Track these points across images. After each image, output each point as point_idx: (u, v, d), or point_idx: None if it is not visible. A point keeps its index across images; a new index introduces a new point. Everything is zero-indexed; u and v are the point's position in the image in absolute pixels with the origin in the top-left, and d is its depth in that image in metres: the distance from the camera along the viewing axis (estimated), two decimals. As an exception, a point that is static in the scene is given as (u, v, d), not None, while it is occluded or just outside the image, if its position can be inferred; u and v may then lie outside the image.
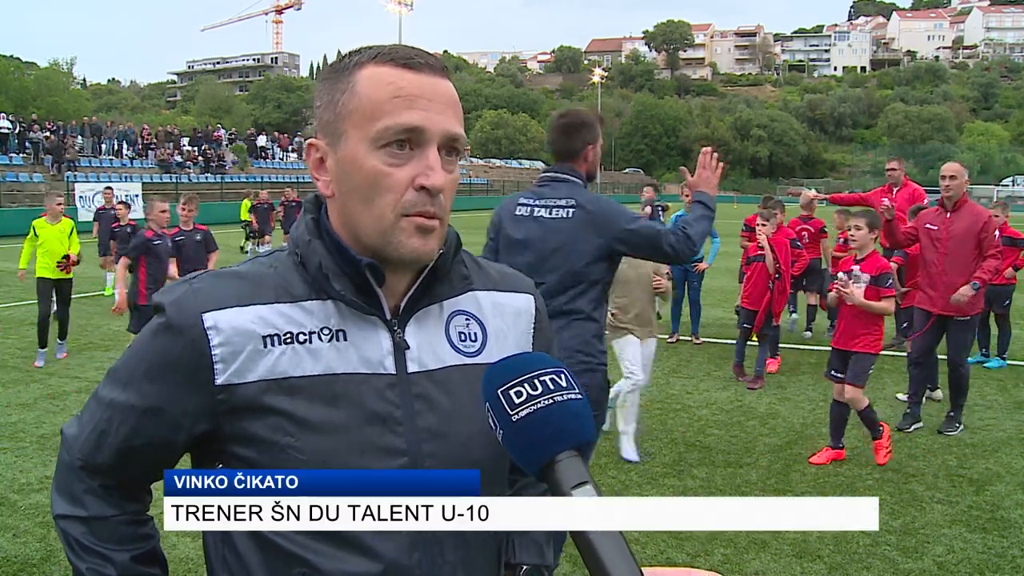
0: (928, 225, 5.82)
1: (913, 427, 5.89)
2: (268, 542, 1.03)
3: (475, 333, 1.15)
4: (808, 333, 9.42)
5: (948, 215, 5.75)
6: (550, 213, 3.12)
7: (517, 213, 3.20)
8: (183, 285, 1.07)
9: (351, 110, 1.03)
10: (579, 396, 0.83)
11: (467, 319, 1.15)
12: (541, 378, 0.82)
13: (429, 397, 1.08)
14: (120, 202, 12.14)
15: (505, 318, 1.19)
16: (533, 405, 0.80)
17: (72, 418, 1.16)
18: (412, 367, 1.08)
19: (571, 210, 3.08)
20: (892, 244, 6.31)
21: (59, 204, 8.32)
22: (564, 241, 3.06)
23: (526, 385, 0.81)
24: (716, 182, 3.26)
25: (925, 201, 7.53)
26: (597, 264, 3.08)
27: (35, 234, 8.11)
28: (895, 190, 7.61)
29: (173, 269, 6.93)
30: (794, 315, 9.73)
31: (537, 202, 3.16)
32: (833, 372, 5.20)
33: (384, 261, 1.06)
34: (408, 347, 1.08)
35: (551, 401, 0.80)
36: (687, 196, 8.81)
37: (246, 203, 17.69)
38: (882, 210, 5.75)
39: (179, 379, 1.04)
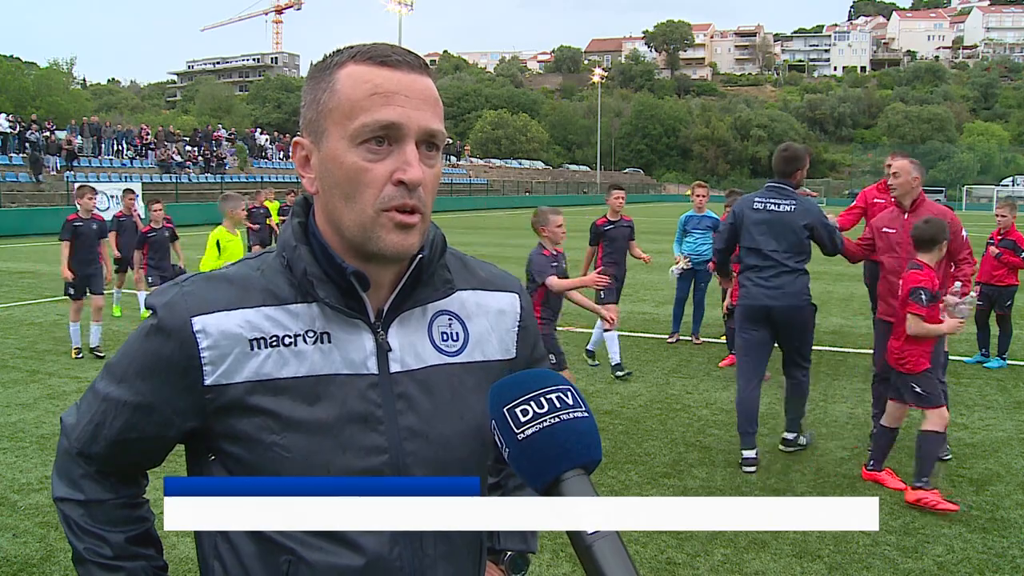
0: (885, 229, 5.17)
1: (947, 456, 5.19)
2: (258, 532, 1.07)
3: (457, 333, 1.17)
4: None
5: (906, 216, 5.07)
6: (779, 207, 5.01)
7: (755, 207, 5.07)
8: (174, 288, 1.10)
9: (331, 108, 1.05)
10: (585, 414, 0.82)
11: (449, 319, 1.18)
12: (548, 396, 0.82)
13: (410, 396, 1.11)
14: (155, 202, 10.07)
15: (489, 317, 1.21)
16: (539, 423, 0.80)
17: (71, 406, 1.21)
18: (394, 367, 1.11)
19: (792, 205, 5.01)
20: (850, 259, 5.54)
21: (243, 209, 6.91)
22: (792, 223, 4.95)
23: (532, 403, 0.81)
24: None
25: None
26: (808, 239, 4.99)
27: (219, 248, 6.73)
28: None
29: None
30: None
31: (769, 201, 5.05)
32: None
33: (367, 256, 1.08)
34: (390, 348, 1.11)
35: (557, 419, 0.80)
36: (700, 197, 8.66)
37: (274, 205, 15.59)
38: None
39: (169, 379, 1.08)
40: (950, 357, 7.46)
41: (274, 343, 1.06)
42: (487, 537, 1.28)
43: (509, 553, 1.37)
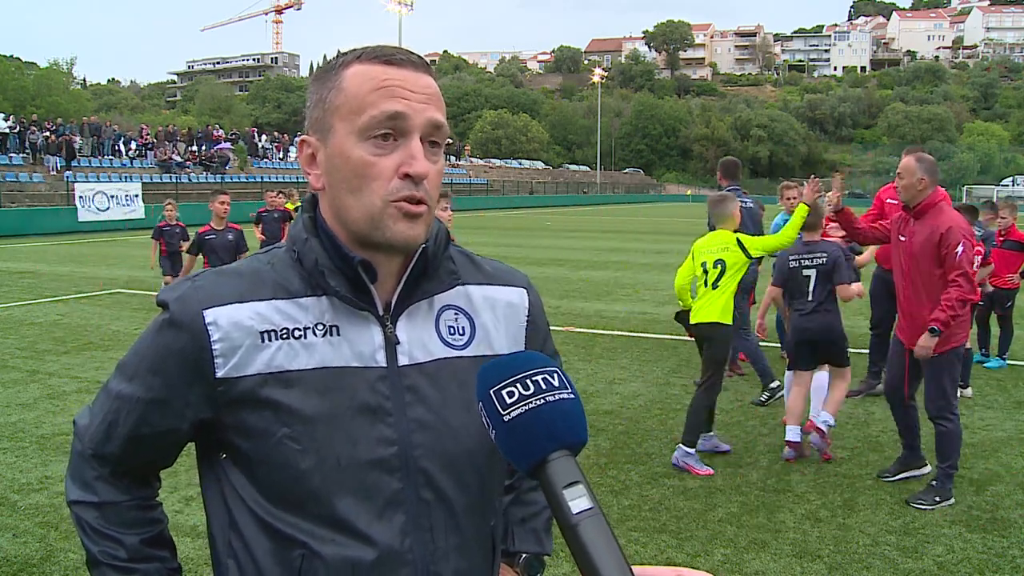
0: (900, 236, 4.64)
1: (899, 476, 4.83)
2: (271, 527, 1.09)
3: (463, 327, 1.19)
4: None
5: (913, 223, 4.54)
6: (746, 204, 6.50)
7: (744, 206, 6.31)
8: (186, 283, 1.12)
9: (338, 105, 1.08)
10: (571, 396, 0.83)
11: (456, 313, 1.19)
12: (533, 378, 0.82)
13: (418, 389, 1.12)
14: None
15: (497, 311, 1.23)
16: (525, 405, 0.80)
17: (84, 408, 1.22)
18: (402, 360, 1.12)
19: (751, 201, 6.84)
20: (852, 237, 5.35)
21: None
22: (754, 215, 6.82)
23: (518, 385, 0.82)
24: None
25: None
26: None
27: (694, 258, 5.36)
28: None
29: None
30: None
31: (745, 200, 6.63)
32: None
33: (374, 248, 1.10)
34: (399, 341, 1.13)
35: (542, 401, 0.81)
36: (792, 199, 7.78)
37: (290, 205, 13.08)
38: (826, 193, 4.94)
39: (182, 372, 1.09)
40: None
41: (284, 335, 1.08)
42: (501, 538, 1.29)
43: (524, 555, 1.37)
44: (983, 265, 7.28)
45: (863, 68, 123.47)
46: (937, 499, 4.48)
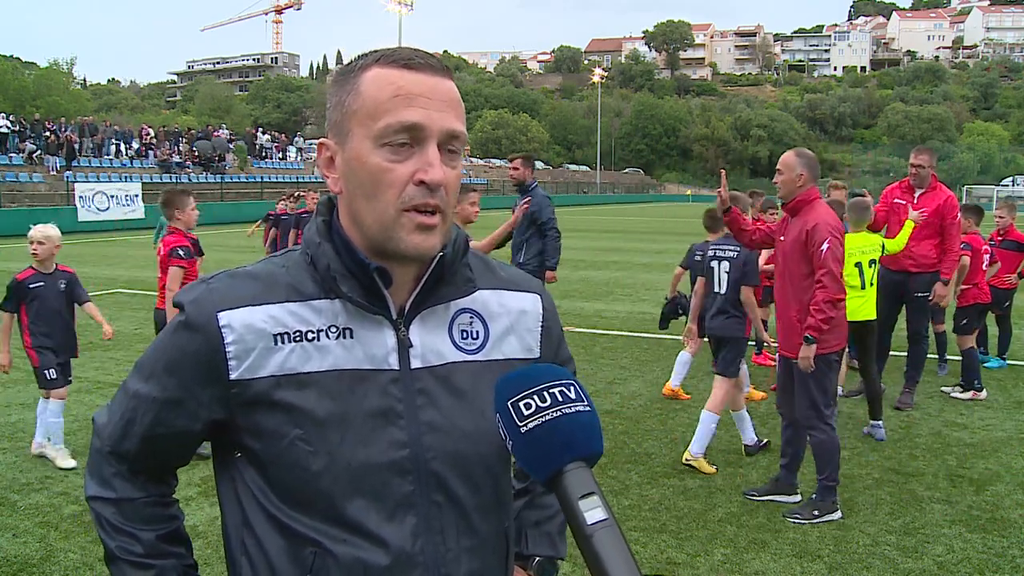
0: (780, 236, 4.38)
1: (765, 497, 4.51)
2: (284, 525, 1.10)
3: (477, 331, 1.19)
4: None
5: (790, 221, 4.30)
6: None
7: None
8: (201, 285, 1.13)
9: (355, 110, 1.07)
10: (587, 408, 0.83)
11: (471, 317, 1.19)
12: (551, 390, 0.83)
13: (430, 392, 1.13)
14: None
15: (511, 316, 1.23)
16: (542, 417, 0.81)
17: (102, 407, 1.24)
18: (415, 363, 1.13)
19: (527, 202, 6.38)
20: (739, 240, 4.81)
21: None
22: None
23: (535, 397, 0.83)
24: None
25: (957, 216, 6.03)
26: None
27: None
28: (917, 193, 5.94)
29: None
30: None
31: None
32: None
33: (388, 255, 1.10)
34: (412, 345, 1.13)
35: (559, 413, 0.81)
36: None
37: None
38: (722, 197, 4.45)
39: (196, 373, 1.10)
40: (948, 357, 7.47)
41: (297, 338, 1.09)
42: (515, 541, 1.29)
43: (537, 559, 1.37)
44: (991, 264, 7.33)
45: (863, 68, 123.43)
46: (816, 513, 4.25)
